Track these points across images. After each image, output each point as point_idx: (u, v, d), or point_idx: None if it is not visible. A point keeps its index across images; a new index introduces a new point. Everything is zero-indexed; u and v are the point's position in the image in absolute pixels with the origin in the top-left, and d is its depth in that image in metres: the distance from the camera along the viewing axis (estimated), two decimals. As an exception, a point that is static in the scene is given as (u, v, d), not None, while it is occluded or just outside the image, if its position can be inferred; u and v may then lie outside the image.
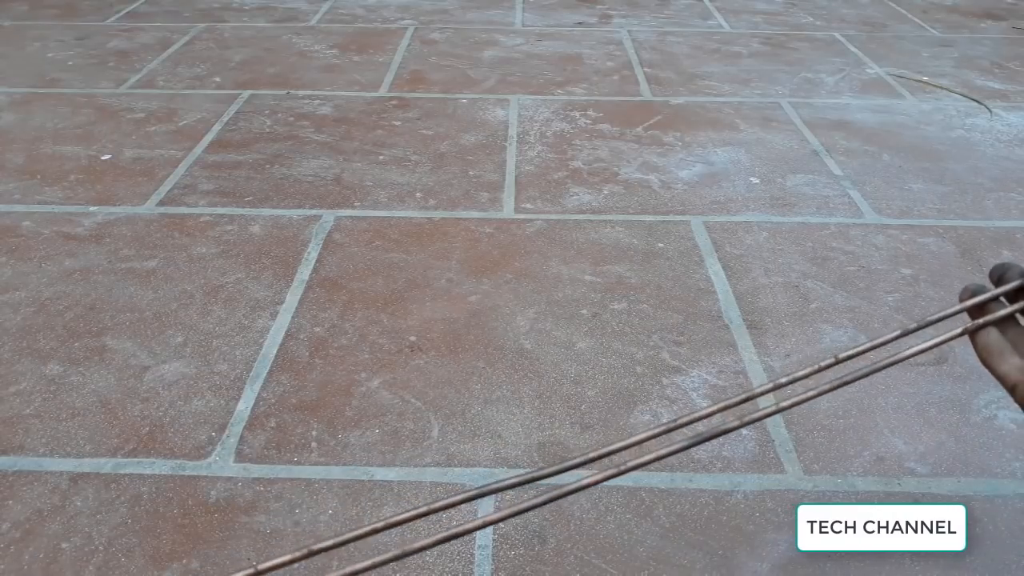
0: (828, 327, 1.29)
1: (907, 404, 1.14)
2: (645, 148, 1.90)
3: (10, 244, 1.48)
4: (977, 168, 1.83)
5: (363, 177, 1.74)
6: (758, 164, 1.83)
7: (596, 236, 1.53)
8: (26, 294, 1.34)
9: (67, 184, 1.70)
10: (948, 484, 1.01)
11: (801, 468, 1.03)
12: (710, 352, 1.23)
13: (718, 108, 2.14)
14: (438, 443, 1.06)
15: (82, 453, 1.04)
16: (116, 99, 2.13)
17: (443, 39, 2.65)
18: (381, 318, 1.30)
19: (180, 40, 2.59)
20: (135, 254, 1.46)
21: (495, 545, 0.92)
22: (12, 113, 2.04)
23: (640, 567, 0.90)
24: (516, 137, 1.94)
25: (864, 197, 1.69)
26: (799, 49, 2.61)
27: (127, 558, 0.89)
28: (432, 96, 2.19)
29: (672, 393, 1.15)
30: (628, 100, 2.19)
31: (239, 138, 1.92)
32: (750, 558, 0.91)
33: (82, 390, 1.14)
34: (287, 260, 1.44)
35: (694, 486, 1.00)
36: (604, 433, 1.08)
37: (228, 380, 1.16)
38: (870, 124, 2.05)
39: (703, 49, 2.60)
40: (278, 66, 2.38)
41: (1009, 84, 2.33)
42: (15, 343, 1.23)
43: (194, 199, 1.65)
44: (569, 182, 1.74)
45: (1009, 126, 2.05)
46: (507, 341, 1.25)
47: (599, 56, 2.51)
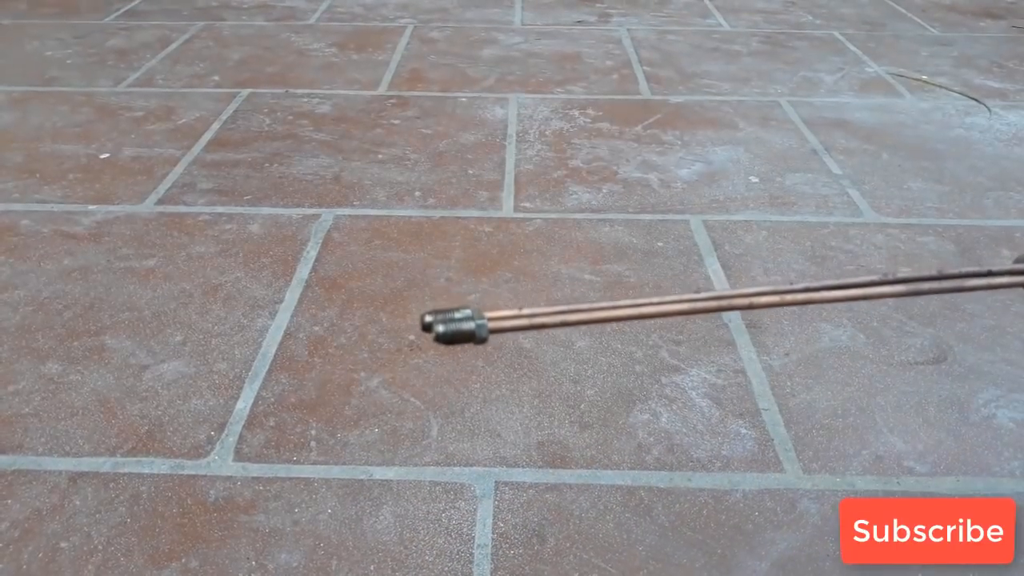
0: (827, 326, 1.29)
1: (906, 403, 1.14)
2: (644, 147, 1.90)
3: (9, 243, 1.48)
4: (976, 167, 1.83)
5: (362, 176, 1.74)
6: (757, 163, 1.83)
7: (595, 235, 1.53)
8: (25, 293, 1.34)
9: (66, 183, 1.70)
10: (947, 483, 1.01)
11: (800, 467, 1.03)
12: (709, 351, 1.23)
13: (717, 107, 2.14)
14: (437, 442, 1.06)
15: (81, 452, 1.03)
16: (115, 98, 2.13)
17: (442, 38, 2.65)
18: (380, 317, 1.30)
19: (179, 38, 2.58)
20: (134, 253, 1.46)
21: (494, 544, 0.92)
22: (10, 112, 2.04)
23: (639, 566, 0.90)
24: (515, 136, 1.94)
25: (863, 196, 1.69)
26: (798, 48, 2.61)
27: (126, 557, 0.89)
28: (431, 95, 2.19)
29: (671, 392, 1.15)
30: (627, 99, 2.18)
31: (238, 137, 1.92)
32: (749, 557, 0.91)
33: (81, 389, 1.14)
34: (286, 259, 1.44)
35: (693, 485, 1.00)
36: (603, 432, 1.08)
37: (227, 379, 1.16)
38: (869, 123, 2.05)
39: (702, 48, 2.60)
40: (277, 65, 2.38)
41: (1008, 83, 2.33)
42: (14, 342, 1.23)
43: (193, 198, 1.64)
44: (568, 181, 1.73)
45: (1008, 125, 2.05)
46: (506, 340, 1.25)
47: (598, 55, 2.51)
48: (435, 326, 0.35)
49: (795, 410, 1.12)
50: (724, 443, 1.06)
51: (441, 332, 0.35)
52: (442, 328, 0.35)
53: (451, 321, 0.35)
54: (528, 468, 1.02)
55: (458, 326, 0.35)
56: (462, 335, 0.35)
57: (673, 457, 1.04)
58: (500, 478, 1.01)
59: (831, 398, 1.15)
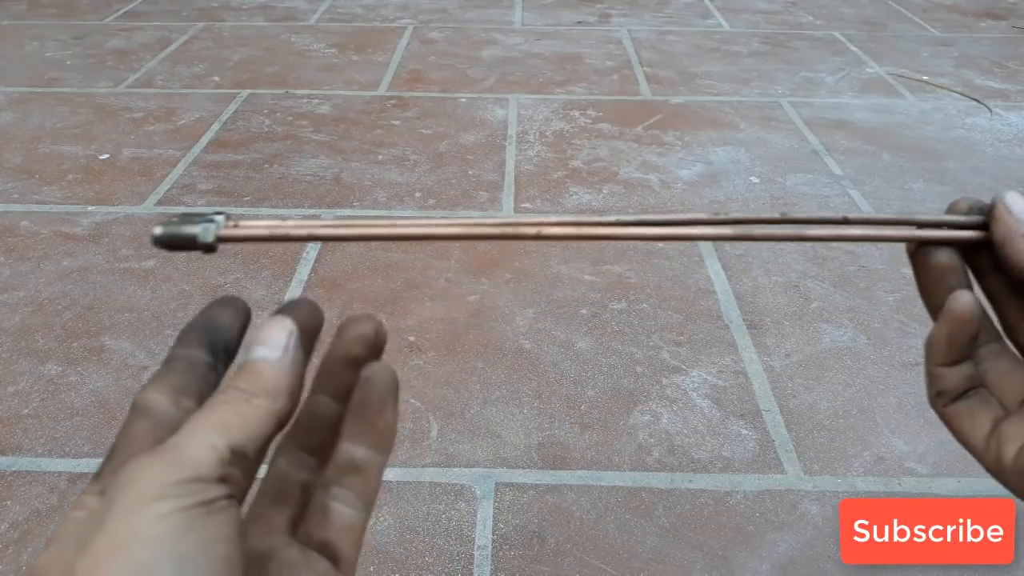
0: (828, 327, 1.29)
1: (907, 404, 1.13)
2: (645, 147, 1.90)
3: (8, 244, 1.48)
4: (977, 168, 1.82)
5: (362, 176, 1.74)
6: (758, 163, 1.83)
7: (595, 236, 1.53)
8: (24, 294, 1.34)
9: (65, 184, 1.69)
10: (948, 484, 1.01)
11: (801, 468, 1.03)
12: (710, 352, 1.23)
13: (718, 107, 2.14)
14: (437, 443, 1.06)
15: (80, 453, 1.03)
16: (114, 98, 2.13)
17: (442, 38, 2.65)
18: (380, 318, 1.29)
19: (179, 39, 2.58)
20: (133, 254, 1.46)
21: (494, 545, 0.92)
22: (10, 112, 2.04)
23: (640, 567, 0.89)
24: (515, 136, 1.94)
25: (864, 196, 1.69)
26: (799, 48, 2.60)
27: (125, 559, 0.89)
28: (431, 95, 2.19)
29: (672, 393, 1.15)
30: (628, 99, 2.18)
31: (238, 137, 1.92)
32: (750, 558, 0.91)
33: (80, 390, 1.14)
34: (286, 259, 1.44)
35: (694, 486, 1.00)
36: (604, 433, 1.08)
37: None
38: (870, 123, 2.04)
39: (703, 48, 2.59)
40: (277, 65, 2.38)
41: (1009, 83, 2.33)
42: (13, 343, 1.23)
43: (192, 198, 1.64)
44: (568, 181, 1.73)
45: (1009, 125, 2.05)
46: (506, 341, 1.25)
47: (598, 55, 2.51)
48: (154, 228, 0.28)
49: (796, 411, 1.12)
50: (725, 444, 1.06)
51: (158, 235, 0.28)
52: (160, 230, 0.28)
53: (172, 223, 0.29)
54: (528, 469, 1.02)
55: (177, 229, 0.29)
56: (183, 240, 0.29)
57: (674, 458, 1.04)
58: (500, 479, 1.01)
59: (832, 399, 1.14)
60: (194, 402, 0.27)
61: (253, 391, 0.26)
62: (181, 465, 0.22)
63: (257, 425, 0.25)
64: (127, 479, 0.22)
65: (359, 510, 0.29)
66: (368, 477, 0.29)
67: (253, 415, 0.25)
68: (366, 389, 0.30)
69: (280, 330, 0.28)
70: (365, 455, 0.29)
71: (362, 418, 0.29)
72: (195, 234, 0.29)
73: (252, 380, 0.26)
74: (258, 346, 0.28)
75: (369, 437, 0.29)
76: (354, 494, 0.29)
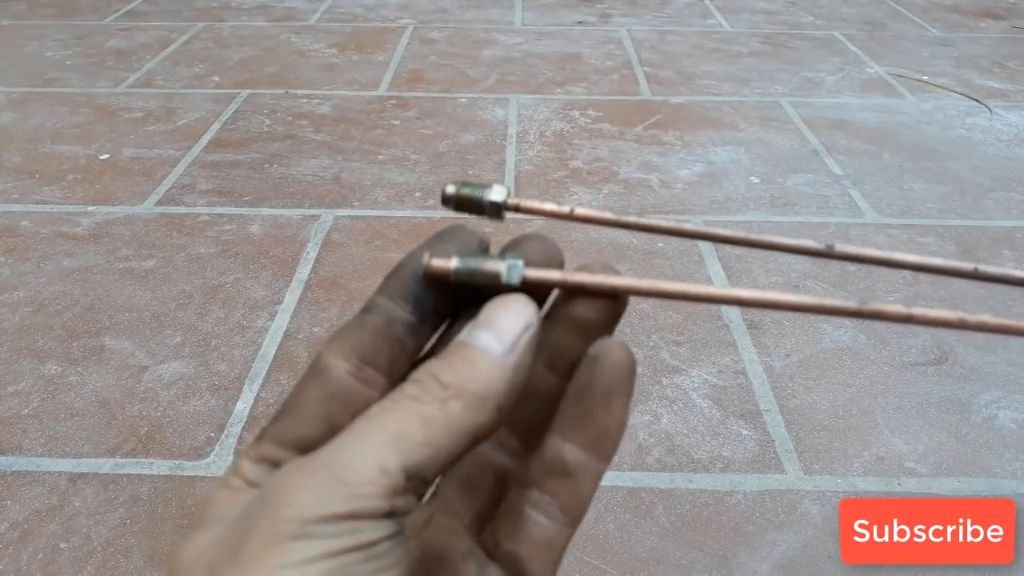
0: (828, 327, 1.29)
1: (907, 404, 1.13)
2: (645, 147, 1.90)
3: (8, 244, 1.48)
4: (977, 168, 1.82)
5: (362, 176, 1.74)
6: (758, 163, 1.83)
7: (595, 235, 1.53)
8: (24, 294, 1.34)
9: (65, 184, 1.69)
10: (948, 484, 1.01)
11: (801, 468, 1.03)
12: (710, 352, 1.23)
13: (718, 107, 2.14)
14: (437, 443, 1.06)
15: (80, 453, 1.03)
16: (114, 98, 2.13)
17: (442, 38, 2.65)
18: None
19: (179, 39, 2.58)
20: (133, 254, 1.46)
21: (494, 545, 0.92)
22: (10, 112, 2.04)
23: (640, 567, 0.89)
24: (515, 136, 1.94)
25: (864, 196, 1.69)
26: (799, 48, 2.60)
27: (126, 558, 0.89)
28: (431, 95, 2.19)
29: (672, 393, 1.15)
30: (628, 99, 2.18)
31: (238, 137, 1.92)
32: (750, 559, 0.91)
33: (80, 390, 1.14)
34: (286, 260, 1.44)
35: (694, 486, 1.00)
36: (604, 433, 1.08)
37: (227, 380, 1.16)
38: (870, 123, 2.04)
39: (703, 48, 2.59)
40: (277, 65, 2.38)
41: (1009, 83, 2.33)
42: (13, 343, 1.23)
43: (192, 199, 1.64)
44: (569, 181, 1.73)
45: (1009, 125, 2.05)
46: (506, 341, 1.25)
47: (599, 55, 2.51)
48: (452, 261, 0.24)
49: (796, 411, 1.12)
50: (725, 444, 1.06)
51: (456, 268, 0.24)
52: (457, 264, 0.24)
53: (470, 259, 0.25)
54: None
55: (480, 264, 0.24)
56: (483, 276, 0.24)
57: (674, 458, 1.04)
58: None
59: (832, 399, 1.14)
60: (381, 374, 0.21)
61: (455, 390, 0.19)
62: (336, 494, 0.17)
63: (446, 441, 0.19)
64: (274, 494, 0.17)
65: (562, 525, 0.23)
66: (579, 486, 0.23)
67: (444, 426, 0.19)
68: (592, 372, 0.23)
69: (516, 318, 0.21)
70: (578, 458, 0.23)
71: (582, 409, 0.22)
72: (496, 274, 0.25)
73: (459, 373, 0.20)
74: (482, 329, 0.21)
75: (586, 435, 0.22)
76: (558, 504, 0.23)
